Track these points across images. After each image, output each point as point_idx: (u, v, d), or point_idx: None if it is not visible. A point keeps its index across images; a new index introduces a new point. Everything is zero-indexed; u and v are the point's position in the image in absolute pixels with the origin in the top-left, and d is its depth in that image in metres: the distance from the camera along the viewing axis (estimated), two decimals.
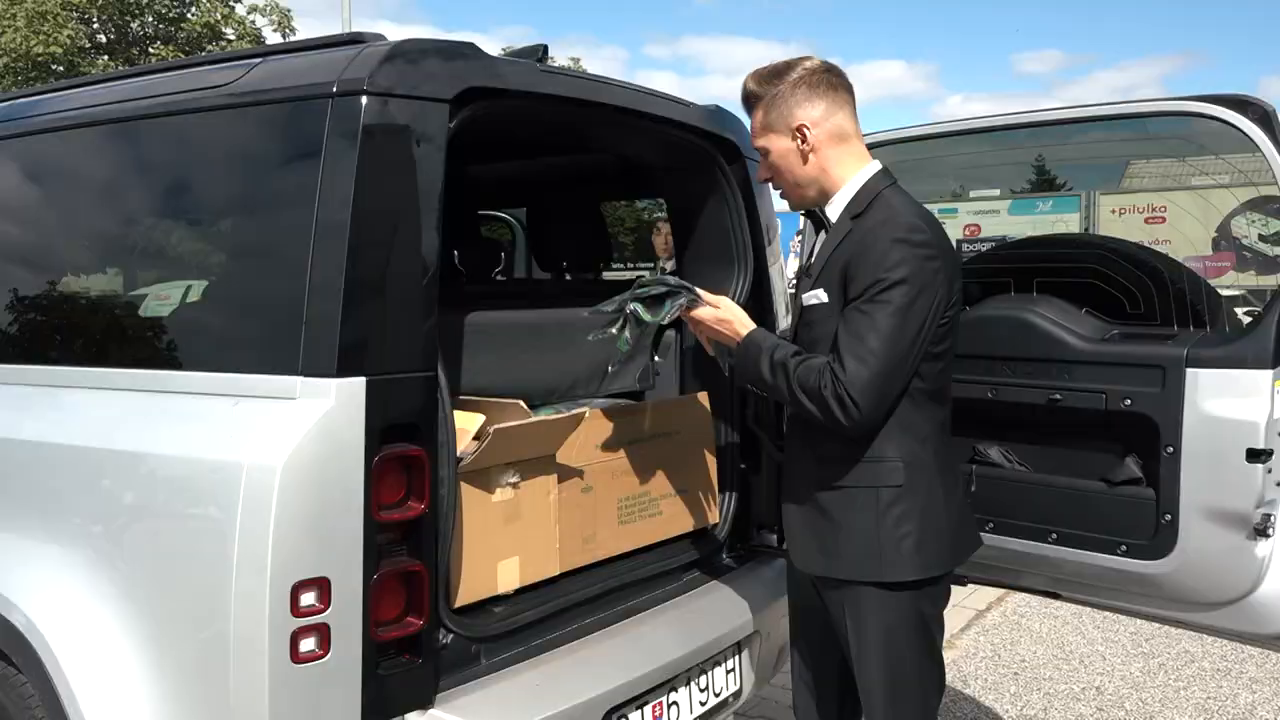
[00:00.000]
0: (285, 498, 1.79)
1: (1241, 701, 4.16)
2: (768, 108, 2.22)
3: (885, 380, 2.03)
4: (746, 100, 2.27)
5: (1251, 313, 2.62)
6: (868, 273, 2.05)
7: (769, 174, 2.30)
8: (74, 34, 19.27)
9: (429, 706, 2.02)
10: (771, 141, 2.23)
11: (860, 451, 2.12)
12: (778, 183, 2.30)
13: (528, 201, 4.42)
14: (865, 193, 2.18)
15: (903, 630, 2.16)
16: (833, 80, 2.20)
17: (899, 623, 2.16)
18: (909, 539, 2.11)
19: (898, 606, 2.15)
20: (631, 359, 2.76)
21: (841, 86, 2.21)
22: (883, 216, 2.11)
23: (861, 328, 2.03)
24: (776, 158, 2.24)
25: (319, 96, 1.96)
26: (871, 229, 2.11)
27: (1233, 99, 2.39)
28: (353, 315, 1.87)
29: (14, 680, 2.10)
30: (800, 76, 2.19)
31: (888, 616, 2.15)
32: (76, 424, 2.19)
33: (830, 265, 2.17)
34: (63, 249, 2.54)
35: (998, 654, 4.70)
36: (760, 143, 2.26)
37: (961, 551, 2.25)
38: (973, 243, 11.31)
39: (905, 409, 2.11)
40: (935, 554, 2.15)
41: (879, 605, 2.15)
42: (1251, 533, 2.31)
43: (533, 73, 2.28)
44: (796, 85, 2.18)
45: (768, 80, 2.22)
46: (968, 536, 2.29)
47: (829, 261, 2.17)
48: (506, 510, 2.32)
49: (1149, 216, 10.85)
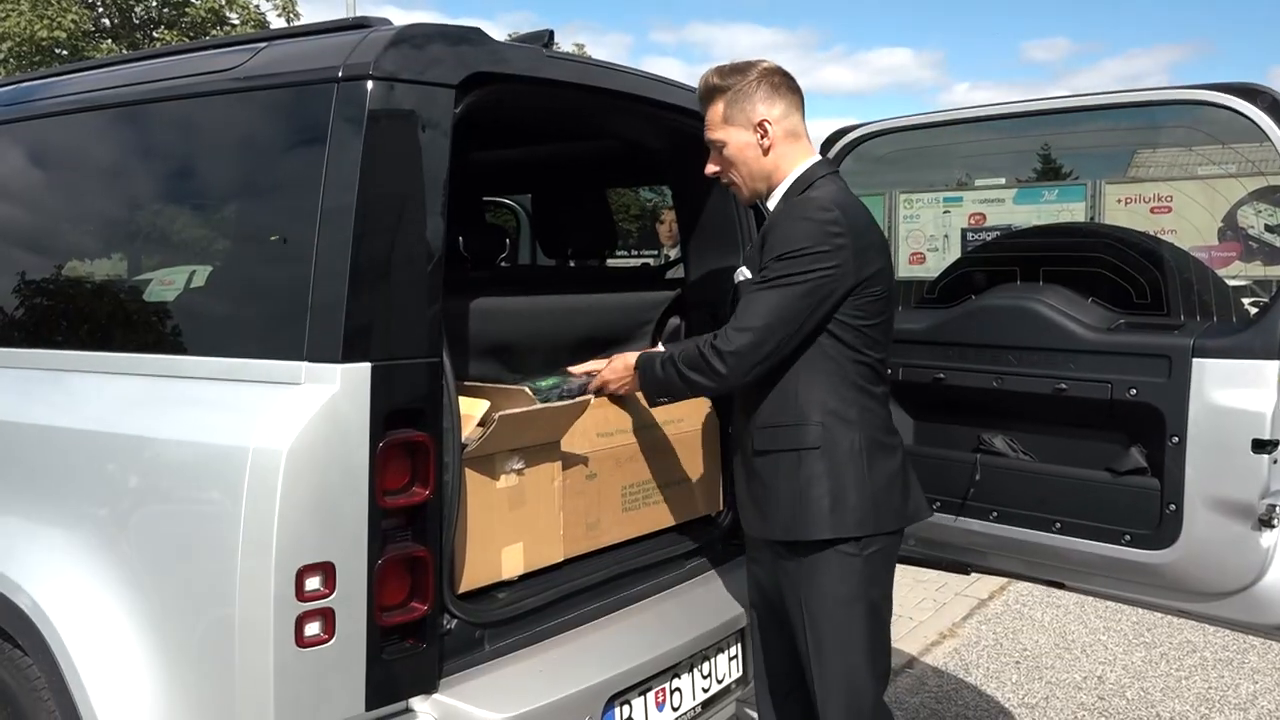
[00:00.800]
0: (290, 482, 1.79)
1: (1243, 691, 4.17)
2: (730, 101, 2.30)
3: (757, 346, 2.17)
4: (708, 93, 2.32)
5: (1258, 303, 2.61)
6: (771, 248, 2.20)
7: (720, 167, 2.36)
8: (78, 18, 19.23)
9: (433, 691, 2.03)
10: (730, 135, 2.31)
11: (788, 417, 2.24)
12: (729, 175, 2.36)
13: (532, 188, 4.41)
14: (801, 181, 2.29)
15: (841, 591, 2.21)
16: (790, 84, 2.32)
17: (833, 585, 2.22)
18: (824, 499, 2.20)
19: (829, 568, 2.21)
20: (633, 345, 2.76)
21: (796, 91, 2.34)
22: (800, 200, 2.25)
23: (753, 299, 2.19)
24: (734, 150, 2.31)
25: (324, 81, 1.96)
26: (786, 210, 2.25)
27: (1241, 87, 2.38)
28: (358, 301, 1.87)
29: (20, 662, 2.11)
30: (763, 75, 2.30)
31: (822, 579, 2.22)
32: (82, 408, 2.20)
33: (754, 245, 2.35)
34: (68, 234, 2.54)
35: (1000, 643, 4.71)
36: (718, 135, 2.33)
37: (888, 518, 2.25)
38: (978, 231, 11.29)
39: (830, 375, 2.22)
40: (855, 516, 2.20)
41: (815, 567, 2.22)
42: (1256, 523, 2.31)
43: (538, 58, 2.28)
44: (760, 83, 2.29)
45: (730, 75, 2.31)
46: (899, 504, 2.29)
47: (754, 242, 2.33)
48: (511, 496, 2.32)
49: (1155, 206, 10.79)
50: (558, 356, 2.81)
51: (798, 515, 2.22)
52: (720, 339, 2.20)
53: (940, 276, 3.12)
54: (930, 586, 5.34)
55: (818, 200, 2.21)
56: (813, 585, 2.24)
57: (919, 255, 11.60)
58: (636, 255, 9.83)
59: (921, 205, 12.10)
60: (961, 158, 6.29)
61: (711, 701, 2.59)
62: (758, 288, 2.19)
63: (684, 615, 2.56)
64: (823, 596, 2.23)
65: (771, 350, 2.18)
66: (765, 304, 2.16)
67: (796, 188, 2.28)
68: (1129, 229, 3.13)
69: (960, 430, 2.81)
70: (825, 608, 2.23)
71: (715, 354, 2.19)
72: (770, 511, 2.27)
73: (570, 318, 2.86)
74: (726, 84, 2.29)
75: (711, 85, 2.31)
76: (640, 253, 10.04)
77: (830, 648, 2.24)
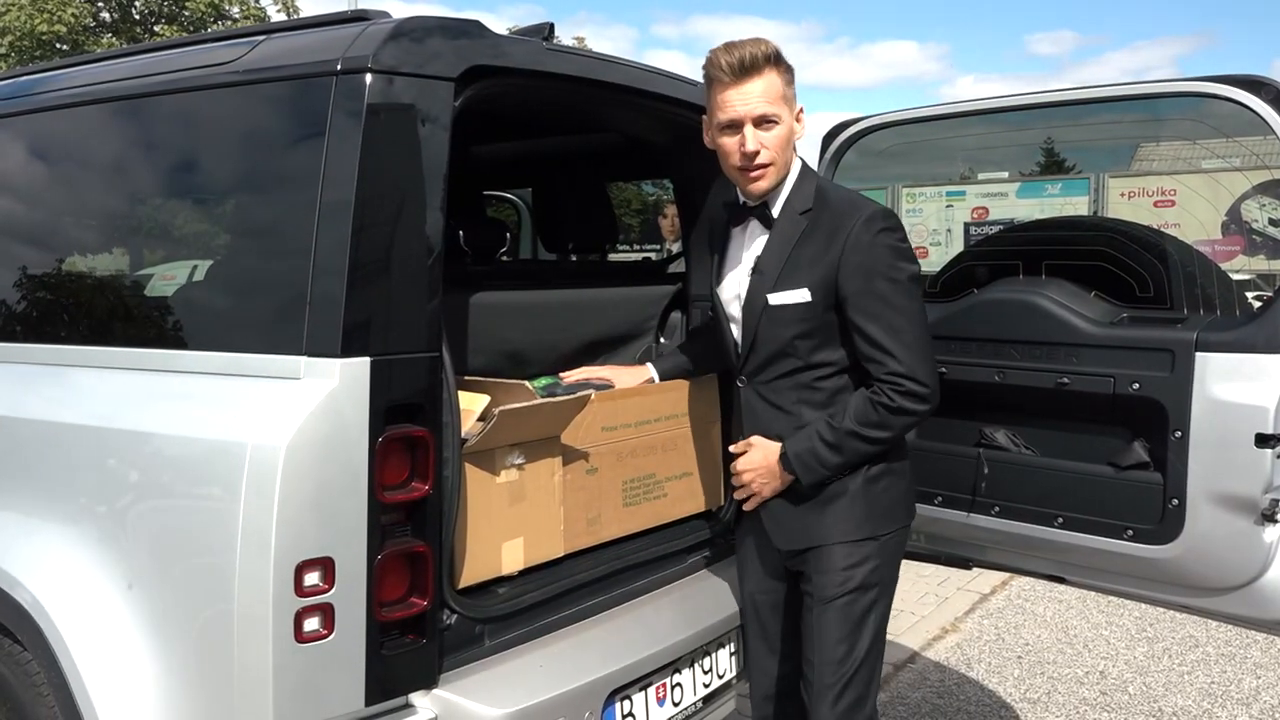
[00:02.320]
0: (289, 478, 1.79)
1: (1246, 686, 4.16)
2: (787, 80, 2.17)
3: (930, 355, 2.15)
4: (768, 60, 2.12)
5: (1261, 297, 2.60)
6: (875, 265, 2.11)
7: (763, 146, 2.15)
8: (78, 12, 19.23)
9: (432, 686, 2.03)
10: (784, 115, 2.16)
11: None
12: (768, 158, 2.16)
13: (533, 182, 4.40)
14: (803, 185, 2.21)
15: (878, 588, 2.23)
16: None
17: (866, 575, 2.21)
18: (894, 489, 2.24)
19: (864, 558, 2.21)
20: (634, 340, 2.75)
21: None
22: (847, 208, 2.16)
23: (894, 319, 2.11)
24: (784, 133, 2.16)
25: (323, 74, 1.95)
26: (846, 225, 2.13)
27: (1246, 80, 2.36)
28: (357, 295, 1.87)
29: (20, 657, 2.11)
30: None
31: (857, 570, 2.20)
32: (82, 403, 2.19)
33: (801, 263, 2.17)
34: (67, 228, 2.54)
35: (1002, 637, 4.70)
36: (777, 110, 2.14)
37: (913, 506, 2.37)
38: (981, 225, 11.27)
39: (863, 369, 2.19)
40: (907, 503, 2.32)
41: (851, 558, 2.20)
42: (1259, 518, 2.30)
43: (538, 51, 2.26)
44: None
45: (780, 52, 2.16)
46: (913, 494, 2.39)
47: (797, 260, 2.17)
48: (511, 491, 2.31)
49: (1158, 200, 10.78)
50: (558, 351, 2.80)
51: (871, 512, 2.21)
52: (889, 375, 2.12)
53: (943, 270, 3.11)
54: (932, 581, 5.34)
55: (878, 209, 2.16)
56: (849, 577, 2.20)
57: (922, 249, 11.56)
58: (638, 250, 9.81)
59: (924, 199, 12.10)
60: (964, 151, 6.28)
61: (713, 697, 2.58)
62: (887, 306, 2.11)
63: (685, 610, 2.56)
64: (859, 588, 2.20)
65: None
66: (908, 318, 2.13)
67: (802, 195, 2.21)
68: (1132, 223, 3.11)
69: (962, 424, 2.80)
70: (860, 601, 2.21)
71: (905, 395, 2.11)
72: (833, 515, 2.21)
73: (571, 312, 2.85)
74: (784, 60, 2.13)
75: (773, 53, 2.12)
76: (642, 247, 10.02)
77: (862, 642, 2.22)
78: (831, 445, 2.16)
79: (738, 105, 2.14)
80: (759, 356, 2.26)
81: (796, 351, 2.21)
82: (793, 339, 2.20)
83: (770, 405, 2.27)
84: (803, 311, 2.17)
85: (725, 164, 2.25)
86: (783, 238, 2.20)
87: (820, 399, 2.23)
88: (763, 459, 2.25)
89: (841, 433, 2.15)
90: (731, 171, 2.24)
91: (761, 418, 2.28)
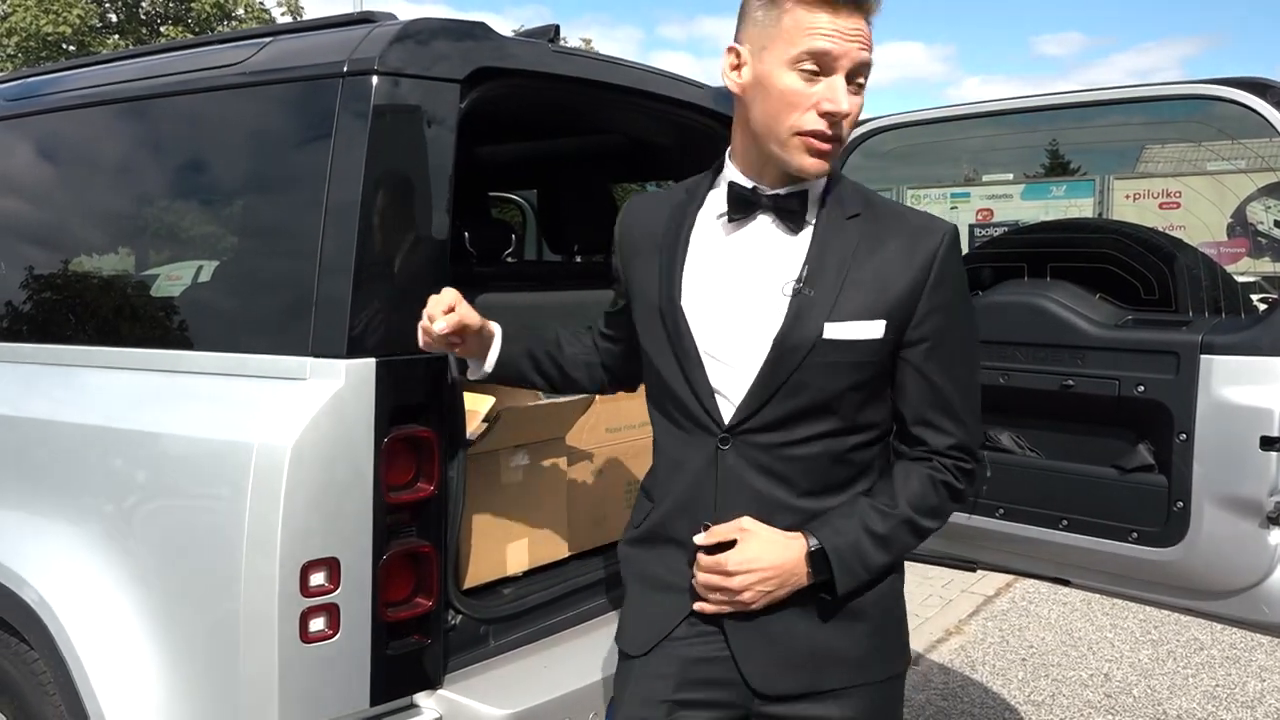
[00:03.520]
0: (295, 478, 1.80)
1: (1250, 689, 4.16)
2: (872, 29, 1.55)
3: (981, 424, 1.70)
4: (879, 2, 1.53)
5: (1267, 299, 2.60)
6: (960, 304, 1.62)
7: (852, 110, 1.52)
8: (84, 13, 19.26)
9: (437, 687, 2.03)
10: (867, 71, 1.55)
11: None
12: (843, 131, 1.53)
13: (538, 183, 4.41)
14: (845, 182, 1.64)
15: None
16: None
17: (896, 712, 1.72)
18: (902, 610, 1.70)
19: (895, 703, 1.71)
20: None
21: None
22: (915, 220, 1.61)
23: (969, 378, 1.65)
24: (862, 104, 1.55)
25: (329, 76, 1.96)
26: (925, 243, 1.57)
27: (1252, 82, 2.36)
28: (363, 296, 1.87)
29: (26, 656, 2.12)
30: None
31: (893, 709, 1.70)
32: (88, 403, 2.20)
33: (865, 285, 1.55)
34: (75, 228, 2.54)
35: (1006, 640, 4.70)
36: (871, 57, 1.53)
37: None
38: (985, 227, 11.27)
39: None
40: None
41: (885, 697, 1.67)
42: (1264, 521, 2.29)
43: (544, 53, 2.27)
44: None
45: None
46: None
47: (858, 280, 1.55)
48: (516, 492, 2.32)
49: (1164, 202, 10.77)
50: None
51: (900, 637, 1.67)
52: (954, 450, 1.61)
53: None
54: (936, 583, 5.34)
55: (947, 224, 1.61)
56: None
57: None
58: None
59: (929, 201, 12.10)
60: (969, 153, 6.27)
61: None
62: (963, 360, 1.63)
63: None
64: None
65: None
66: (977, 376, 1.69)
67: (849, 193, 1.62)
68: (1137, 225, 3.11)
69: None
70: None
71: (967, 476, 1.63)
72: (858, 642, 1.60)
73: (576, 313, 2.85)
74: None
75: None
76: None
77: None
78: (882, 541, 1.56)
79: (838, 37, 1.47)
80: (778, 410, 1.55)
81: (841, 407, 1.57)
82: (846, 389, 1.56)
83: (774, 479, 1.58)
84: (868, 351, 1.55)
85: (771, 119, 1.53)
86: (835, 247, 1.56)
87: (845, 476, 1.61)
88: (775, 556, 1.54)
89: (896, 522, 1.56)
90: (781, 130, 1.52)
91: (754, 496, 1.58)
